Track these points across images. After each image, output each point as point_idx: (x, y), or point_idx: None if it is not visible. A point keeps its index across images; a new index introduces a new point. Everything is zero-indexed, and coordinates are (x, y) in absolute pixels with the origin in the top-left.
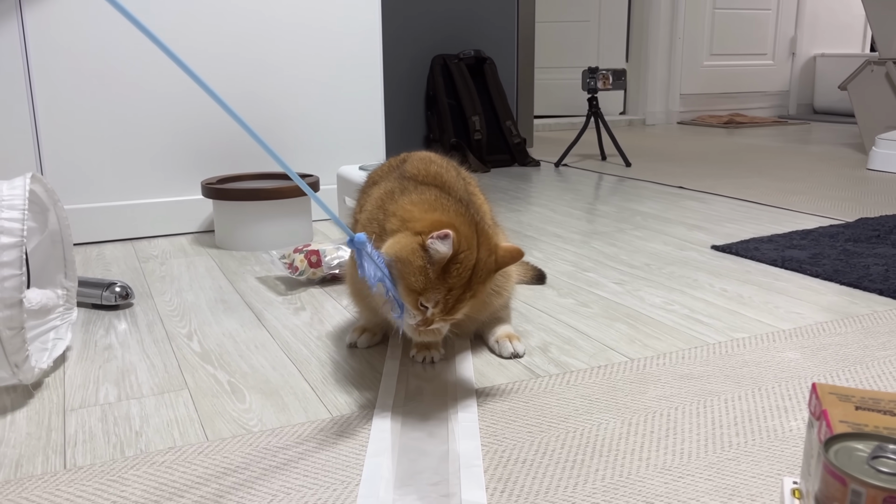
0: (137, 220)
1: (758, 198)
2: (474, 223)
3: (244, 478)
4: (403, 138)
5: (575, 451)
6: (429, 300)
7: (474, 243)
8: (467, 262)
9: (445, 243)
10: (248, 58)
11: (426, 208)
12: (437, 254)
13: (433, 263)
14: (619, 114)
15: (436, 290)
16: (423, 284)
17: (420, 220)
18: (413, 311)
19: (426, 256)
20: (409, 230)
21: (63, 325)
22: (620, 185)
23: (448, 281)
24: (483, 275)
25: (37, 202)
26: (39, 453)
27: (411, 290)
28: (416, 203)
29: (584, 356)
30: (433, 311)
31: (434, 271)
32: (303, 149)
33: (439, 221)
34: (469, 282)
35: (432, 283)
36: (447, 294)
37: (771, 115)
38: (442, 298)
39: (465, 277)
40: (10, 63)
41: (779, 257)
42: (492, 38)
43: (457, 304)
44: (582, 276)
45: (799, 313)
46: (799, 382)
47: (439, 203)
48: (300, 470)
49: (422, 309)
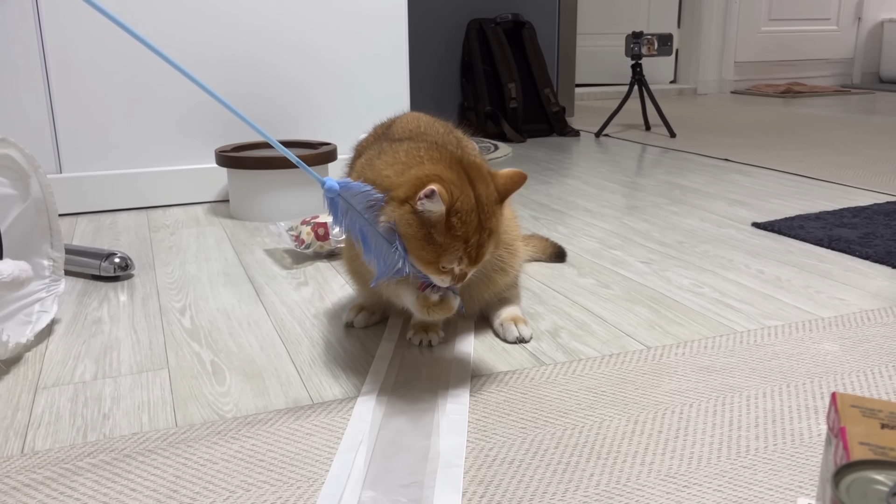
0: (153, 189)
1: (809, 171)
2: (457, 160)
3: (204, 471)
4: (438, 106)
5: (570, 451)
6: (450, 261)
7: (465, 183)
8: (467, 207)
9: (434, 201)
10: (269, 23)
11: (400, 168)
12: (432, 214)
13: (434, 225)
14: (669, 82)
15: (452, 249)
16: (435, 251)
17: (400, 185)
18: (439, 278)
19: (422, 221)
20: (393, 200)
21: (49, 297)
22: (663, 156)
23: (458, 234)
24: (490, 210)
25: (15, 168)
26: (0, 434)
27: (427, 261)
28: (389, 164)
29: (596, 343)
30: (459, 268)
31: (439, 232)
32: (323, 116)
33: (419, 178)
34: (480, 223)
35: (444, 245)
36: (465, 246)
37: (833, 84)
38: (462, 253)
39: (474, 222)
40: (23, 30)
41: (825, 236)
42: (531, 2)
43: (480, 251)
44: (607, 254)
45: (842, 299)
46: (834, 379)
47: (410, 156)
48: (266, 463)
49: (447, 271)
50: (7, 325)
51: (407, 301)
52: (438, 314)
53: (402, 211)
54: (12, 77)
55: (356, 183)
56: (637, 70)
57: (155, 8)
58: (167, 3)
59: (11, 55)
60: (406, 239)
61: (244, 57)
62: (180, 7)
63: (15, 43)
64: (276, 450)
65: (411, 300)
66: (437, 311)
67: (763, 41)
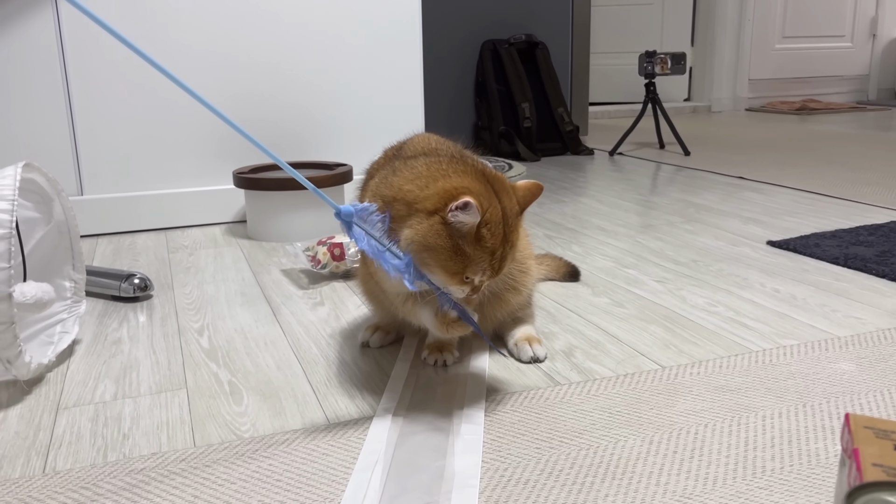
0: (172, 210)
1: (825, 189)
2: (481, 172)
3: (222, 491)
4: (452, 126)
5: (585, 471)
6: (475, 272)
7: (492, 195)
8: (495, 219)
9: (469, 212)
10: (284, 45)
11: (424, 182)
12: (464, 226)
13: (463, 236)
14: (683, 100)
15: (479, 261)
16: (462, 262)
17: (427, 198)
18: (459, 288)
19: (452, 232)
20: (419, 212)
21: (70, 318)
22: (677, 174)
23: (485, 246)
24: (513, 222)
25: (38, 192)
26: (22, 454)
27: (453, 272)
28: (410, 180)
29: (611, 362)
30: (480, 279)
31: (468, 243)
32: (339, 138)
33: (448, 191)
34: (505, 235)
35: (472, 256)
36: (491, 258)
37: (848, 101)
38: (488, 265)
39: (500, 234)
40: (46, 54)
41: (841, 255)
42: (545, 23)
43: (502, 263)
44: (621, 272)
45: (859, 318)
46: (851, 399)
47: (433, 169)
48: (283, 483)
49: (468, 282)
50: (30, 346)
51: (424, 319)
52: (457, 331)
53: (430, 222)
54: (36, 103)
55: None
56: (651, 88)
57: (173, 34)
58: (185, 29)
59: (35, 82)
60: (432, 250)
61: (261, 80)
62: (197, 33)
63: (39, 70)
64: (292, 470)
65: (429, 318)
66: (456, 327)
67: (777, 58)
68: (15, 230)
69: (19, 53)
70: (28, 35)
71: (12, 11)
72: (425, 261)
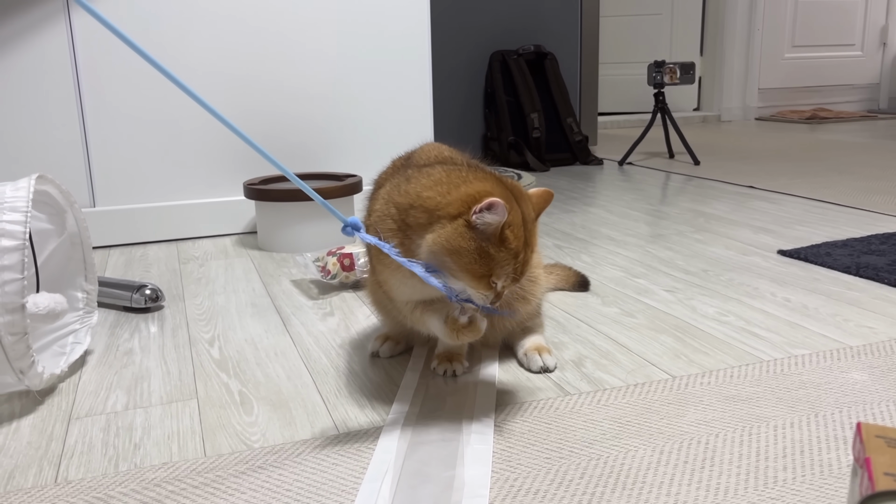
0: (183, 221)
1: (836, 198)
2: (499, 179)
3: (233, 501)
4: (461, 136)
5: (595, 482)
6: (500, 276)
7: (512, 198)
8: (518, 221)
9: (496, 212)
10: (293, 58)
11: (445, 188)
12: (489, 227)
13: (488, 239)
14: (692, 110)
15: (504, 264)
16: (488, 265)
17: (450, 203)
18: (483, 294)
19: (477, 235)
20: (442, 218)
21: (82, 328)
22: (687, 184)
23: (510, 247)
24: (531, 226)
25: (52, 204)
26: (34, 464)
27: (479, 276)
28: (429, 187)
29: (620, 372)
30: (503, 284)
31: (493, 245)
32: (348, 149)
33: (471, 195)
34: (526, 239)
35: (497, 259)
36: (515, 262)
37: (859, 110)
38: (512, 268)
39: (522, 237)
40: (59, 68)
41: (853, 264)
42: (553, 33)
43: (524, 267)
44: (631, 282)
45: (871, 327)
46: (864, 409)
47: (453, 176)
48: (293, 493)
49: (493, 287)
50: (42, 357)
51: (434, 327)
52: (467, 337)
53: (454, 225)
54: (50, 117)
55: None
56: (660, 98)
57: (185, 50)
58: (197, 45)
59: (49, 96)
60: (457, 254)
61: (270, 93)
62: (209, 49)
63: (52, 83)
64: (302, 479)
65: (439, 326)
66: (466, 334)
67: (787, 67)
68: (28, 241)
69: (33, 67)
70: (42, 49)
71: (26, 26)
72: (449, 266)
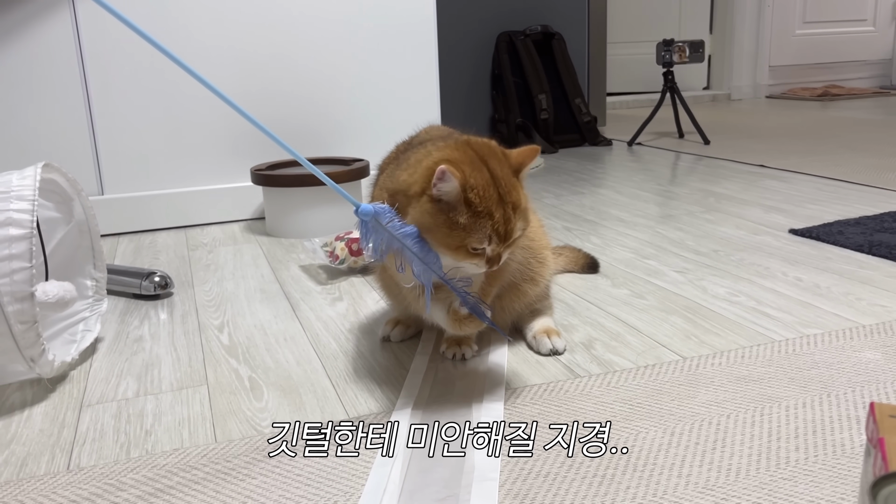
0: (191, 208)
1: (848, 176)
2: (464, 143)
3: (243, 486)
4: (469, 119)
5: (606, 464)
6: (478, 241)
7: (476, 160)
8: (482, 182)
9: (447, 179)
10: (300, 42)
11: (413, 169)
12: (447, 194)
13: (453, 207)
14: (702, 89)
15: (478, 228)
16: (460, 234)
17: (415, 181)
18: (473, 262)
19: (442, 207)
20: (412, 198)
21: (92, 316)
22: (697, 164)
23: (479, 209)
24: (508, 183)
25: (59, 192)
26: (47, 452)
27: (455, 247)
28: (405, 169)
29: (631, 354)
30: (491, 248)
31: (460, 213)
32: (356, 133)
33: (430, 168)
34: (500, 197)
35: (468, 225)
36: (492, 222)
37: (871, 86)
38: (490, 230)
39: (493, 196)
40: (65, 55)
41: (865, 242)
42: (560, 14)
43: (508, 226)
44: (641, 263)
45: (884, 306)
46: (877, 388)
47: (419, 154)
48: (303, 478)
49: (479, 253)
50: (53, 345)
51: (436, 316)
52: (469, 328)
53: (420, 203)
54: (56, 105)
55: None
56: (669, 77)
57: (191, 34)
58: (203, 29)
59: (55, 84)
60: (429, 231)
61: (277, 78)
62: (215, 33)
63: (58, 71)
64: (312, 464)
65: (441, 316)
66: (468, 324)
67: (798, 44)
68: (36, 230)
69: (38, 55)
70: (47, 37)
71: (31, 13)
72: (431, 243)
